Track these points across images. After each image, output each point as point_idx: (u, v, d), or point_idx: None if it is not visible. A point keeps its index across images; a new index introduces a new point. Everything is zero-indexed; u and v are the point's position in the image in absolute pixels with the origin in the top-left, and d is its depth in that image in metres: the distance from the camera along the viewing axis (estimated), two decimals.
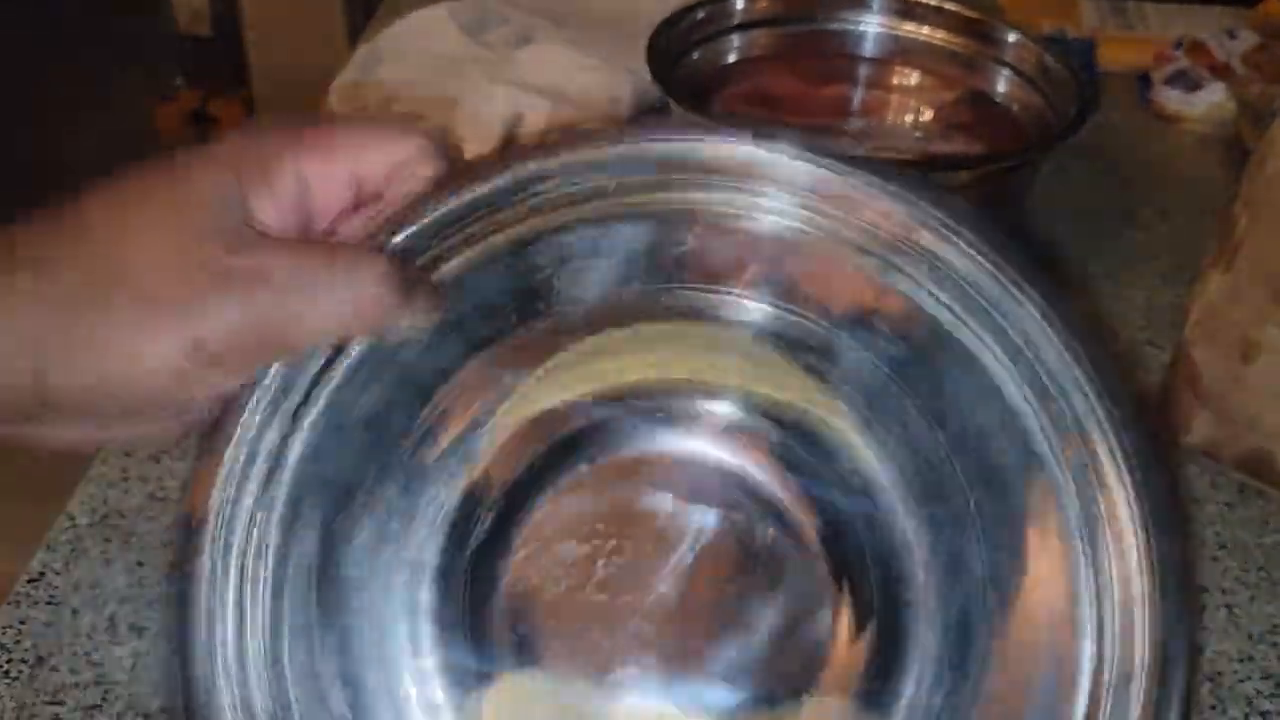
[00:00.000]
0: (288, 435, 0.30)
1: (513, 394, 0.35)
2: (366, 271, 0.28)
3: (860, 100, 0.67)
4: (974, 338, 0.32)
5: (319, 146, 0.29)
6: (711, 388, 0.36)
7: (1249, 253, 0.48)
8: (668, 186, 0.33)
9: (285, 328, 0.27)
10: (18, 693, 0.39)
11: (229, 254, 0.26)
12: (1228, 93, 0.77)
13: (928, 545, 0.34)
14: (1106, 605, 0.31)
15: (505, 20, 0.81)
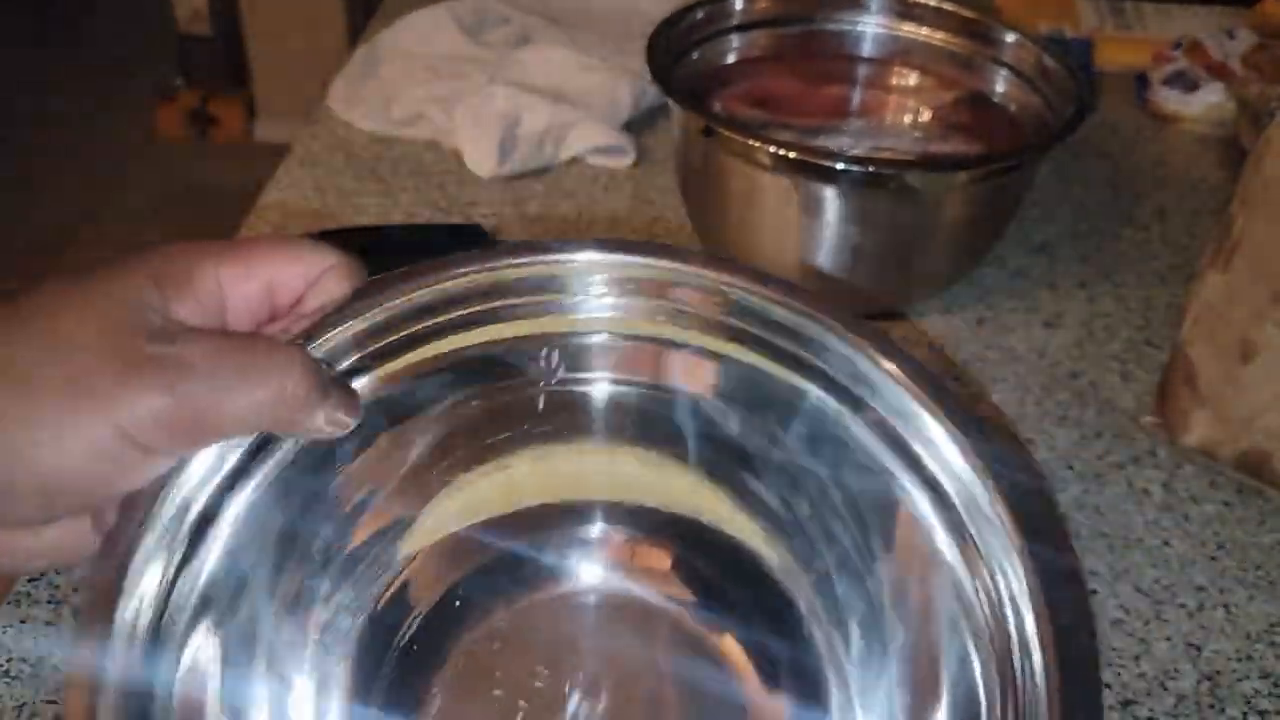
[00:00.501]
0: (199, 528, 0.30)
1: (423, 516, 0.36)
2: (286, 362, 0.28)
3: (859, 100, 0.67)
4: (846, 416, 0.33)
5: (238, 257, 0.30)
6: (628, 509, 0.38)
7: (1247, 252, 0.48)
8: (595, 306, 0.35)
9: (207, 414, 0.27)
10: (18, 692, 0.39)
11: (151, 343, 0.27)
12: (1226, 93, 0.78)
13: (820, 608, 0.35)
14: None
15: (505, 20, 0.81)
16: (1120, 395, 0.55)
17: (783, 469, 0.36)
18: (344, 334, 0.32)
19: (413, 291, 0.33)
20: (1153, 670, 0.42)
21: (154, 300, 0.28)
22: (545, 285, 0.35)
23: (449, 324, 0.34)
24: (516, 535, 0.38)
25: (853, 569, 0.35)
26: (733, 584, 0.37)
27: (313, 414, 0.29)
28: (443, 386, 0.35)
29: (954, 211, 0.55)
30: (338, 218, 0.65)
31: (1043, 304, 0.61)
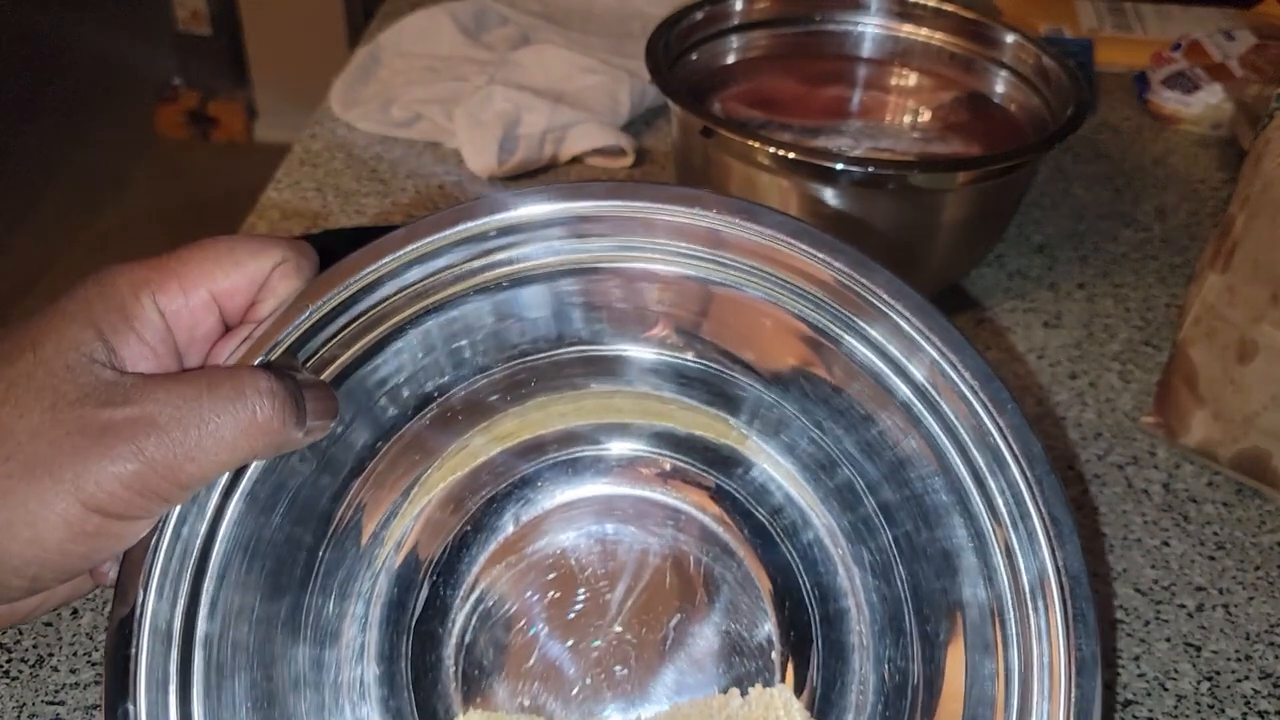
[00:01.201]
0: (203, 562, 0.30)
1: (427, 470, 0.36)
2: (251, 392, 0.27)
3: (859, 101, 0.67)
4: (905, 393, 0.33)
5: (171, 276, 0.29)
6: (617, 427, 0.37)
7: (1246, 253, 0.48)
8: (561, 248, 0.33)
9: (179, 468, 0.26)
10: (18, 692, 0.39)
11: (105, 408, 0.26)
12: (1225, 93, 0.78)
13: (859, 581, 0.35)
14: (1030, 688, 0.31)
15: (504, 21, 0.81)
16: (1119, 395, 0.55)
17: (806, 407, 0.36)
18: (306, 326, 0.31)
19: (371, 265, 0.32)
20: (1152, 671, 0.42)
21: (98, 353, 0.27)
22: (570, 227, 0.33)
23: (438, 284, 0.33)
24: (542, 455, 0.37)
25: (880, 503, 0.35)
26: (770, 523, 0.37)
27: (290, 431, 0.28)
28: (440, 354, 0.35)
29: (953, 212, 0.55)
30: (337, 218, 0.65)
31: (1042, 304, 0.61)
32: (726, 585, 0.37)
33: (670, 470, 0.38)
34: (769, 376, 0.35)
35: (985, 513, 0.32)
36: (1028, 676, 0.31)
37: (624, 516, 0.37)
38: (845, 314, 0.33)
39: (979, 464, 0.32)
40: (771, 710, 0.35)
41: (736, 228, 0.32)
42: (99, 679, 0.40)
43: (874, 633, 0.35)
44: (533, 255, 0.33)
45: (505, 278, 0.34)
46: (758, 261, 0.33)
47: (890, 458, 0.34)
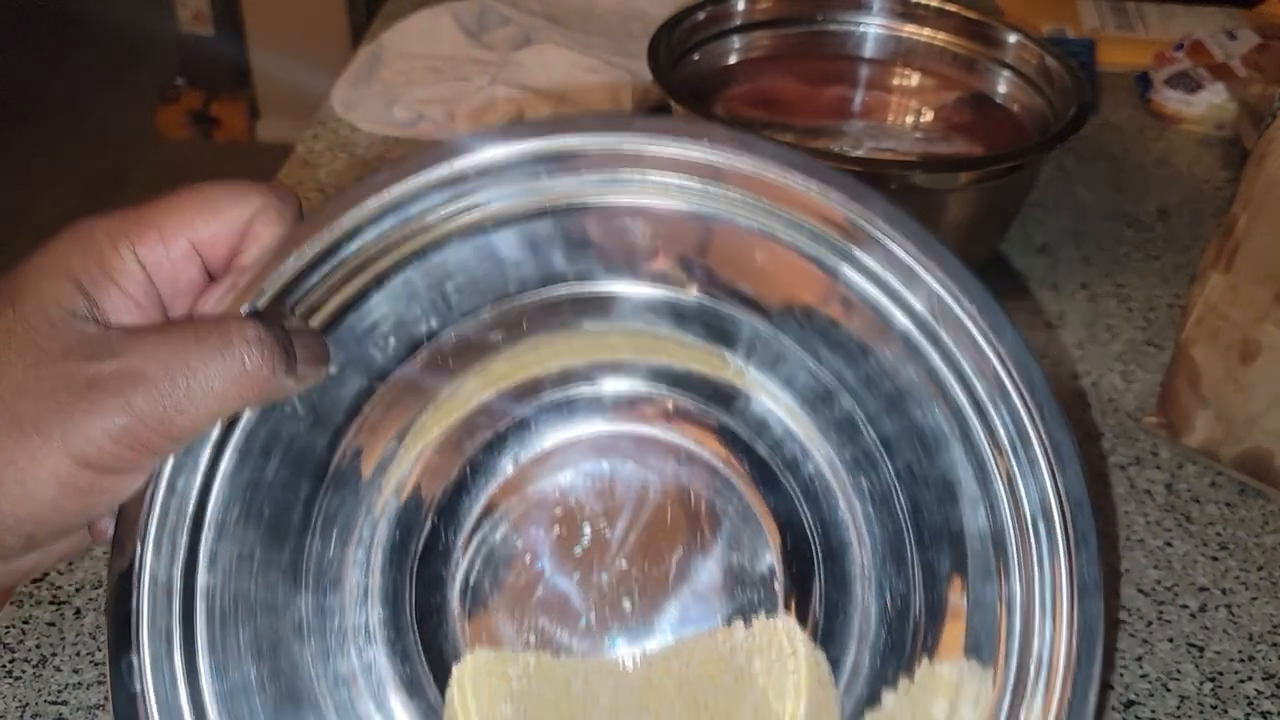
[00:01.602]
0: (199, 515, 0.30)
1: (422, 414, 0.36)
2: (239, 341, 0.27)
3: (861, 101, 0.67)
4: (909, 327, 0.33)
5: (150, 226, 0.28)
6: (612, 366, 0.37)
7: (1249, 253, 0.48)
8: (546, 186, 0.32)
9: (169, 420, 0.26)
10: (21, 693, 0.39)
11: (90, 362, 0.25)
12: (1228, 93, 0.77)
13: (860, 512, 0.35)
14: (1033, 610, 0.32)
15: (507, 21, 0.81)
16: (1122, 396, 0.55)
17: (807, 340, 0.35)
18: (293, 271, 0.30)
19: (357, 207, 0.31)
20: (1155, 671, 0.42)
21: (80, 307, 0.26)
22: (556, 163, 0.32)
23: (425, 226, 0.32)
24: (538, 395, 0.37)
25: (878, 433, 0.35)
26: (771, 457, 0.37)
27: (280, 379, 0.28)
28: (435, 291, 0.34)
29: (956, 212, 0.55)
30: None
31: (1045, 304, 0.61)
32: (728, 519, 0.36)
33: (669, 408, 0.37)
34: (766, 310, 0.35)
35: (986, 440, 0.32)
36: (1030, 602, 0.31)
37: (623, 454, 0.37)
38: (842, 244, 0.32)
39: (979, 392, 0.32)
40: (775, 640, 0.35)
41: (730, 159, 0.31)
42: (102, 679, 0.40)
43: (876, 562, 0.35)
44: (518, 195, 0.33)
45: (492, 219, 0.33)
46: (752, 193, 0.32)
47: (889, 388, 0.34)
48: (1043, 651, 0.31)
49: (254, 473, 0.32)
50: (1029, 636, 0.31)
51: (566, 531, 0.36)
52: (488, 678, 0.35)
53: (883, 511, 0.35)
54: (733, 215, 0.33)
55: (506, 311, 0.35)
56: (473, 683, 0.35)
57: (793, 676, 0.35)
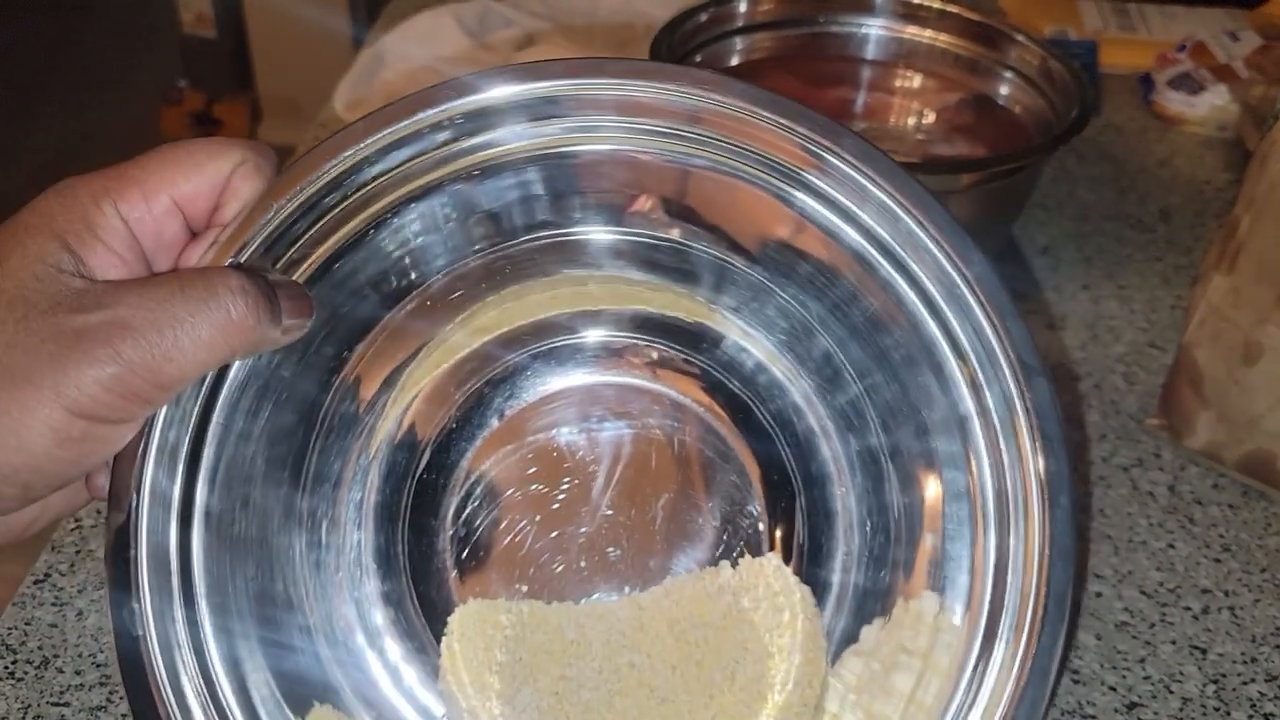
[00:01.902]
0: (194, 464, 0.31)
1: (409, 366, 0.37)
2: (223, 291, 0.27)
3: (863, 103, 0.67)
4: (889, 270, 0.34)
5: (132, 184, 0.28)
6: (591, 315, 0.38)
7: (1251, 254, 0.48)
8: (524, 133, 0.33)
9: (158, 369, 0.26)
10: (23, 694, 0.39)
11: (78, 314, 0.26)
12: (1230, 95, 0.77)
13: (838, 445, 0.37)
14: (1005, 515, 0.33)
15: (509, 23, 0.81)
16: (1124, 397, 0.55)
17: (792, 292, 0.36)
18: (274, 225, 0.30)
19: (332, 160, 0.31)
20: (1158, 673, 0.42)
21: (65, 263, 0.27)
22: (532, 110, 0.33)
23: (400, 177, 0.33)
24: (515, 347, 0.38)
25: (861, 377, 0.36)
26: (753, 400, 0.38)
27: (266, 329, 0.28)
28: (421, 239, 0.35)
29: (958, 214, 0.55)
30: None
31: (1047, 306, 0.61)
32: (711, 463, 0.38)
33: (650, 355, 0.38)
34: (734, 247, 0.36)
35: (954, 360, 0.33)
36: (1003, 500, 0.33)
37: (605, 402, 0.38)
38: (807, 176, 0.33)
39: (947, 316, 0.33)
40: (762, 578, 0.36)
41: (698, 99, 0.32)
42: (104, 680, 0.40)
43: (856, 495, 0.36)
44: (498, 141, 0.33)
45: (471, 167, 0.33)
46: (719, 132, 0.33)
47: (859, 317, 0.35)
48: (1014, 577, 0.32)
49: (246, 424, 0.32)
50: (1004, 532, 0.32)
51: (552, 481, 0.37)
52: (481, 626, 0.35)
53: (860, 443, 0.36)
54: (705, 156, 0.34)
55: (492, 260, 0.36)
56: (467, 630, 0.35)
57: (781, 613, 0.35)
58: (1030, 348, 0.32)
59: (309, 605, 0.34)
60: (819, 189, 0.33)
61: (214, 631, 0.31)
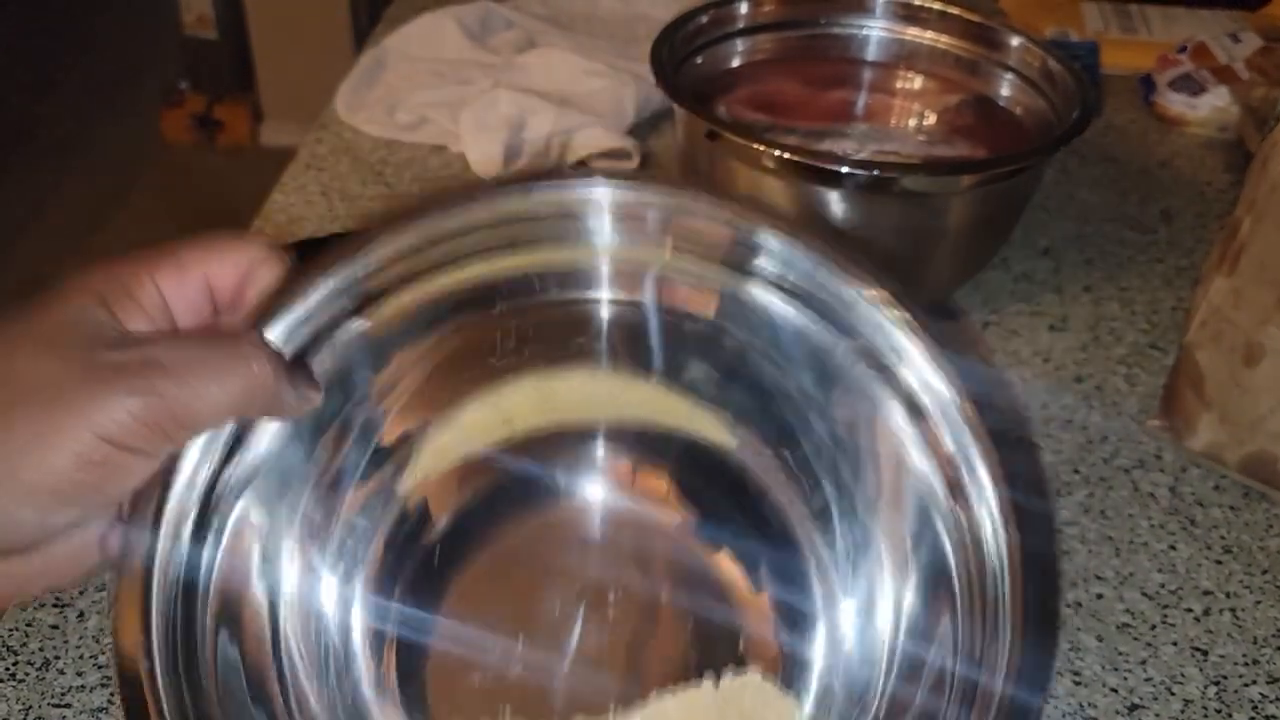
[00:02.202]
0: (208, 505, 0.32)
1: (428, 431, 0.38)
2: (247, 347, 0.30)
3: (864, 104, 0.67)
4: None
5: (169, 260, 0.31)
6: (590, 426, 0.40)
7: (1253, 256, 0.48)
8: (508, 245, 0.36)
9: (185, 406, 0.28)
10: (25, 695, 0.39)
11: (113, 350, 0.28)
12: (1231, 96, 0.77)
13: (813, 529, 0.38)
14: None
15: (509, 25, 0.81)
16: (1126, 399, 0.55)
17: (772, 389, 0.38)
18: (288, 314, 0.32)
19: (374, 245, 0.34)
20: (1159, 675, 0.42)
21: (103, 315, 0.29)
22: (544, 218, 0.35)
23: (434, 265, 0.35)
24: (524, 457, 0.39)
25: (838, 478, 0.37)
26: (726, 499, 0.39)
27: (282, 394, 0.30)
28: (434, 321, 0.37)
29: (959, 215, 0.55)
30: (343, 221, 0.65)
31: (1048, 307, 0.61)
32: (692, 576, 0.38)
33: (630, 466, 0.39)
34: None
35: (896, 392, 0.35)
36: (958, 476, 0.33)
37: (589, 520, 0.39)
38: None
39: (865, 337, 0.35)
40: (746, 693, 0.37)
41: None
42: (105, 681, 0.40)
43: (833, 567, 0.37)
44: (472, 254, 0.36)
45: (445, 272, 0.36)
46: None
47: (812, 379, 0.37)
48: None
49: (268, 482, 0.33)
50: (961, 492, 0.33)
51: (534, 601, 0.38)
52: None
53: (809, 472, 0.37)
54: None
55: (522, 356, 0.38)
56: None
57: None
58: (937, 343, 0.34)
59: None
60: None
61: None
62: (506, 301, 0.37)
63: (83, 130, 2.16)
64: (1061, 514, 0.49)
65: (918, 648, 0.34)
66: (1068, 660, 0.42)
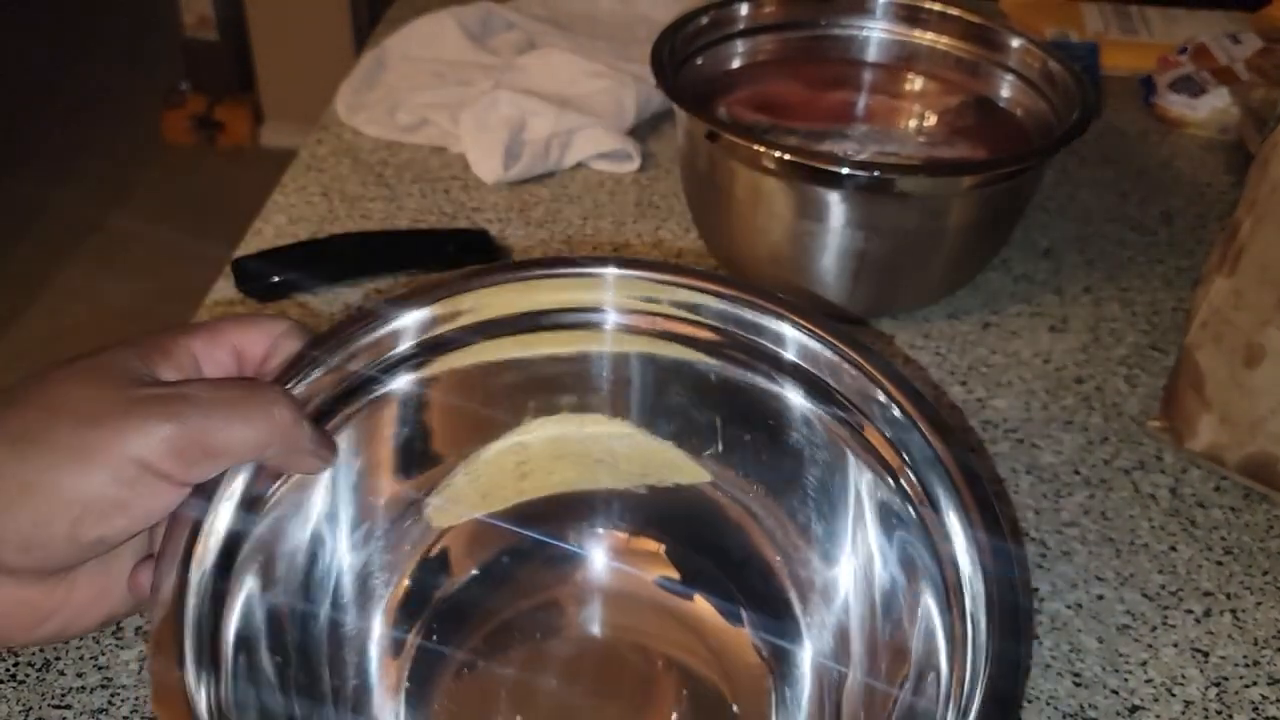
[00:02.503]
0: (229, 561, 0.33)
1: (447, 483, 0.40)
2: (271, 393, 0.32)
3: (864, 105, 0.67)
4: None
5: (205, 329, 0.35)
6: (602, 496, 0.42)
7: (1253, 257, 0.48)
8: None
9: (215, 437, 0.30)
10: (24, 696, 0.39)
11: (148, 387, 0.31)
12: (1231, 97, 0.77)
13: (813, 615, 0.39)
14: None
15: (510, 26, 0.81)
16: (1126, 400, 0.55)
17: (760, 454, 0.39)
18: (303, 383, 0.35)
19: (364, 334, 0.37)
20: (1160, 676, 0.42)
21: (140, 367, 0.32)
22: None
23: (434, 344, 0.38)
24: (534, 525, 0.42)
25: (820, 535, 0.39)
26: (715, 561, 0.41)
27: (301, 443, 0.33)
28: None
29: (959, 216, 0.55)
30: (343, 223, 0.65)
31: (1048, 308, 0.61)
32: (686, 668, 0.39)
33: (625, 539, 0.42)
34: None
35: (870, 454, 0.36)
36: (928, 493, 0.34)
37: (592, 595, 0.41)
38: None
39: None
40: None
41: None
42: (105, 683, 0.40)
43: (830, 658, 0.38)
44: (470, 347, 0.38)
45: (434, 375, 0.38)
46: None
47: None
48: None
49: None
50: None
51: (532, 688, 0.39)
52: None
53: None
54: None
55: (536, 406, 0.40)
56: None
57: None
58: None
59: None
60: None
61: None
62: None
63: (83, 131, 2.16)
64: (1062, 515, 0.49)
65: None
66: (1068, 661, 0.42)
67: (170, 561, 0.30)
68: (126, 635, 0.41)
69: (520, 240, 0.64)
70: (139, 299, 1.75)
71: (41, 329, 1.72)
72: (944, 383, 0.55)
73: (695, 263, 0.63)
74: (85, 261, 1.84)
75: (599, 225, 0.66)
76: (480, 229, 0.64)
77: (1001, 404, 0.54)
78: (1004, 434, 0.53)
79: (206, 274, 0.60)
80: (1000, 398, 0.55)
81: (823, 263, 0.55)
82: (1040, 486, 0.50)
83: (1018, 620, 0.29)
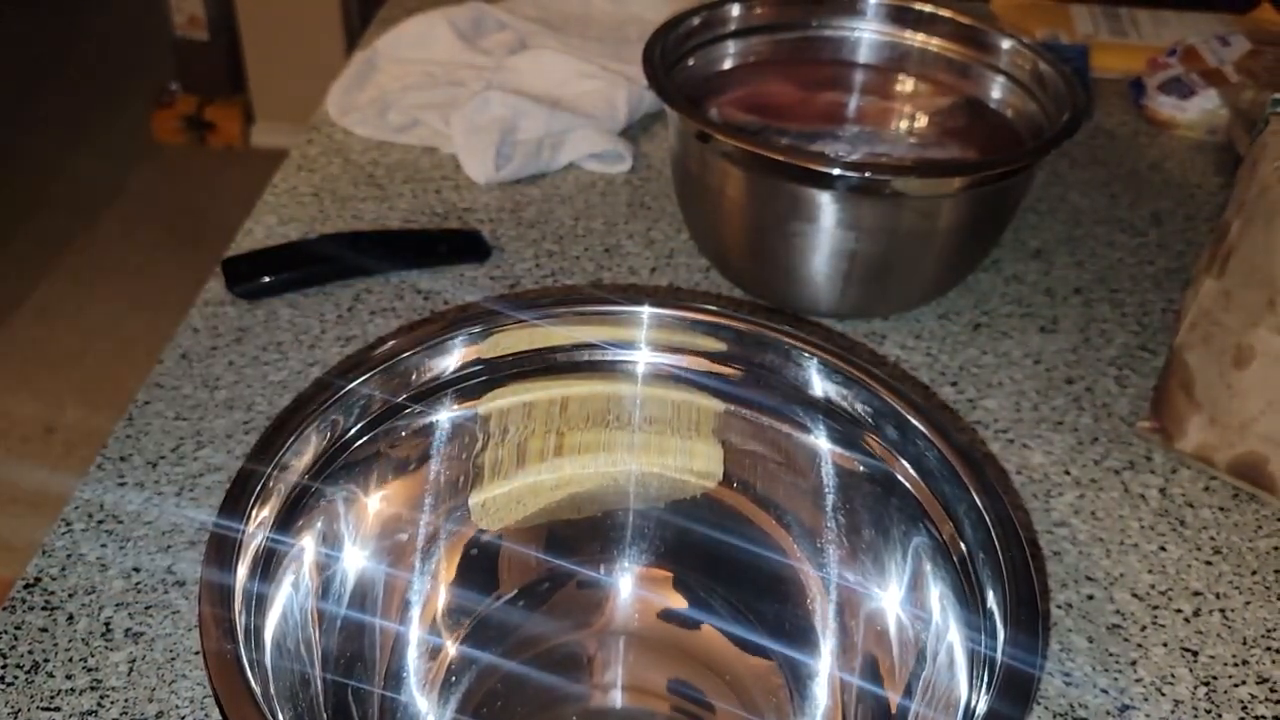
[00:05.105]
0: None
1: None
2: None
3: (855, 106, 0.67)
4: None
5: None
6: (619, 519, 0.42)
7: (1242, 258, 0.48)
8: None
9: None
10: (13, 699, 0.39)
11: None
12: (1220, 99, 0.78)
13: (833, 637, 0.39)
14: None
15: (502, 26, 0.81)
16: (1116, 400, 0.55)
17: (785, 475, 0.39)
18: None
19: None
20: (1149, 676, 0.42)
21: None
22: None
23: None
24: (569, 556, 0.43)
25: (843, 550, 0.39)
26: (733, 590, 0.41)
27: None
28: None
29: (950, 217, 0.55)
30: (334, 223, 0.65)
31: (1039, 309, 0.61)
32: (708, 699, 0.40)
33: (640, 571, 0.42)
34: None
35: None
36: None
37: (615, 637, 0.42)
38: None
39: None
40: None
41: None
42: (94, 685, 0.39)
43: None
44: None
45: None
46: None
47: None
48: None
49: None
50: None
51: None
52: None
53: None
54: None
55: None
56: None
57: None
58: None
59: None
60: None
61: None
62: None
63: (73, 131, 2.15)
64: (1052, 515, 0.49)
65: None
66: (1058, 661, 0.43)
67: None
68: (116, 637, 0.41)
69: (512, 240, 0.64)
70: (129, 299, 1.74)
71: (32, 326, 1.72)
72: (935, 383, 0.55)
73: (691, 261, 0.63)
74: (76, 261, 1.83)
75: (590, 226, 0.66)
76: (472, 229, 0.64)
77: (992, 404, 0.55)
78: (994, 434, 0.53)
79: (197, 274, 0.60)
80: (991, 398, 0.55)
81: (814, 263, 0.55)
82: (1030, 487, 0.50)
83: (1029, 694, 0.29)
